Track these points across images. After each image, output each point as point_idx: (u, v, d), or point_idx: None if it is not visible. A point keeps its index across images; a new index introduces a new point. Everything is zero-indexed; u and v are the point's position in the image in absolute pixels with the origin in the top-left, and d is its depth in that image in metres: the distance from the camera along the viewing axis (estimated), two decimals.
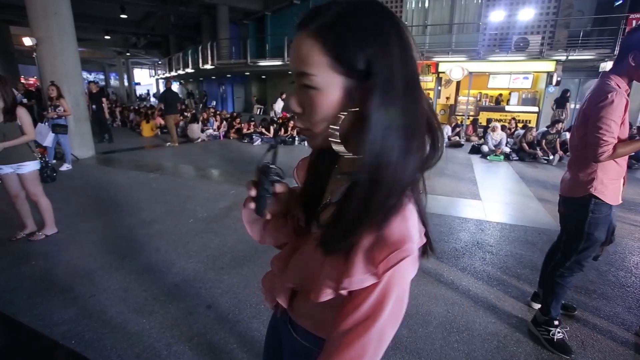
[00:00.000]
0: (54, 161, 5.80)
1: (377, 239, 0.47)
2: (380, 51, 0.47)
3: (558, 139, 7.20)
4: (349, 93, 0.49)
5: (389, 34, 0.48)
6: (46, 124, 5.40)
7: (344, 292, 0.50)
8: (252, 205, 0.59)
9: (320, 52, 0.47)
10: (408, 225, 0.48)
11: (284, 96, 11.30)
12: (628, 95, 1.62)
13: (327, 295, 0.52)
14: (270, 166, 0.58)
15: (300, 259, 0.64)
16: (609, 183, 1.68)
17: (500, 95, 12.06)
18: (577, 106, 1.85)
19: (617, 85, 1.59)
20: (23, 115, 2.75)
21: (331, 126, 0.50)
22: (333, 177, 0.62)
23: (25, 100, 7.29)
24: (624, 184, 1.76)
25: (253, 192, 0.58)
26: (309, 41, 0.48)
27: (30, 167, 2.89)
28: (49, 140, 5.36)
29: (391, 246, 0.46)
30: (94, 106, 8.10)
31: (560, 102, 9.57)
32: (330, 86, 0.48)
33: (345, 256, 0.50)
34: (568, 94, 9.42)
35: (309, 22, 0.49)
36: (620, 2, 10.71)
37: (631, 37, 1.58)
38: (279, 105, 11.23)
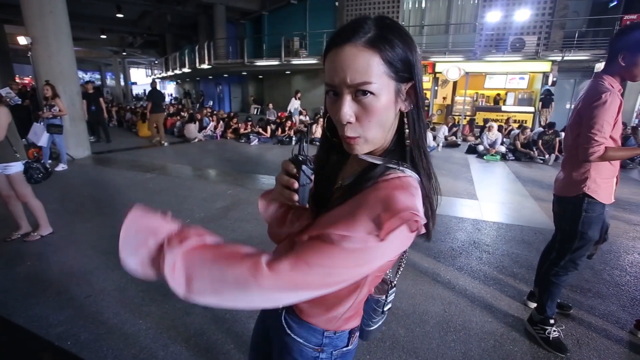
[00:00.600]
0: (50, 161, 5.76)
1: (385, 206, 0.50)
2: (416, 57, 0.56)
3: (558, 139, 7.25)
4: (397, 96, 0.56)
5: (414, 42, 0.57)
6: (41, 123, 5.36)
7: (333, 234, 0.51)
8: (296, 197, 0.59)
9: (380, 62, 0.53)
10: (414, 200, 0.52)
11: (299, 95, 11.19)
12: (622, 95, 1.64)
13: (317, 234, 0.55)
14: (308, 156, 0.61)
15: None
16: (602, 182, 1.69)
17: (498, 95, 12.12)
18: (572, 106, 1.86)
19: (611, 85, 1.60)
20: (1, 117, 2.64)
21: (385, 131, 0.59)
22: (349, 163, 0.67)
23: (19, 101, 7.17)
24: (616, 183, 1.77)
25: (296, 185, 0.59)
26: (366, 53, 0.53)
27: (15, 168, 2.83)
28: (43, 140, 5.32)
29: (397, 211, 0.49)
30: (92, 107, 8.00)
31: (545, 101, 10.07)
32: (385, 91, 0.54)
33: (347, 212, 0.53)
34: (552, 95, 10.10)
35: (353, 36, 0.53)
36: (615, 3, 10.81)
37: (619, 38, 1.60)
38: (294, 104, 10.95)
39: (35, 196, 3.06)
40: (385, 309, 0.79)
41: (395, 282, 0.80)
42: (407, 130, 0.59)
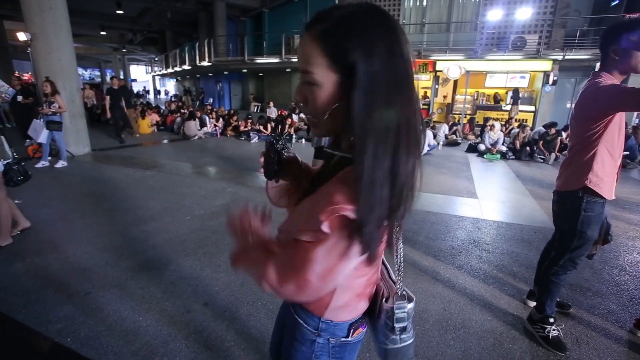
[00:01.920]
0: (50, 158, 5.75)
1: (326, 197, 0.56)
2: (364, 54, 0.53)
3: (559, 138, 7.25)
4: (340, 88, 0.57)
5: (378, 39, 0.54)
6: (41, 120, 5.35)
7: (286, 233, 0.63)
8: (262, 171, 0.76)
9: (320, 54, 0.56)
10: (349, 193, 0.54)
11: None
12: None
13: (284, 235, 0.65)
14: (276, 139, 0.71)
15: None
16: (604, 176, 1.68)
17: (497, 94, 12.09)
18: (572, 105, 1.85)
19: (610, 81, 1.60)
20: None
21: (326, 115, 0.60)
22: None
23: (20, 98, 7.08)
24: (616, 180, 1.77)
25: (261, 160, 0.77)
26: (312, 44, 0.56)
27: None
28: (43, 136, 5.32)
29: (330, 205, 0.54)
30: (121, 103, 7.97)
31: (515, 99, 10.89)
32: (327, 82, 0.57)
33: (306, 208, 0.61)
34: (519, 93, 10.98)
35: (314, 25, 0.57)
36: (617, 2, 10.78)
37: (607, 34, 1.61)
38: None
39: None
40: (397, 325, 0.73)
41: (404, 293, 0.75)
42: (352, 123, 0.54)
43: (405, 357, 0.77)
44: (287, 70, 15.28)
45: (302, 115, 11.09)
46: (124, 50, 28.13)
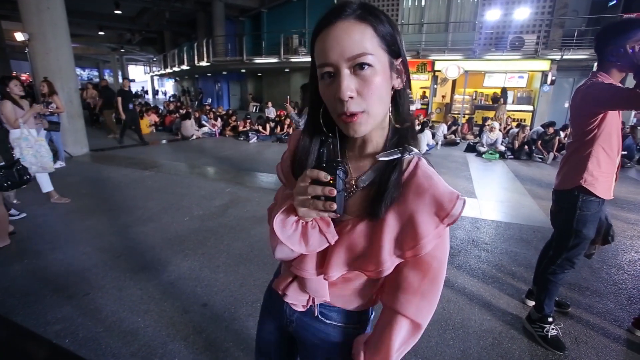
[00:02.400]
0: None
1: (434, 201, 0.57)
2: (400, 35, 0.58)
3: (557, 138, 7.27)
4: (391, 70, 0.57)
5: (396, 24, 0.58)
6: None
7: (409, 254, 0.59)
8: (334, 206, 0.53)
9: (373, 34, 0.54)
10: (444, 182, 0.59)
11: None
12: None
13: (392, 265, 0.61)
14: (339, 160, 0.60)
15: (347, 245, 0.62)
16: (600, 176, 1.69)
17: (496, 93, 12.08)
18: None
19: (604, 81, 1.61)
20: None
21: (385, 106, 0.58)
22: (355, 162, 0.67)
23: None
24: (615, 180, 1.77)
25: (334, 192, 0.53)
26: (360, 26, 0.53)
27: None
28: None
29: (450, 202, 0.56)
30: (130, 105, 7.88)
31: (504, 97, 11.04)
32: (382, 64, 0.55)
33: (402, 226, 0.59)
34: (506, 92, 11.29)
35: (343, 12, 0.54)
36: (614, 2, 10.81)
37: (602, 35, 1.62)
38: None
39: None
40: None
41: None
42: (405, 112, 0.61)
43: None
44: (286, 70, 15.27)
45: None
46: (122, 51, 28.06)
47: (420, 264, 0.60)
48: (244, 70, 17.05)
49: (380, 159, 0.59)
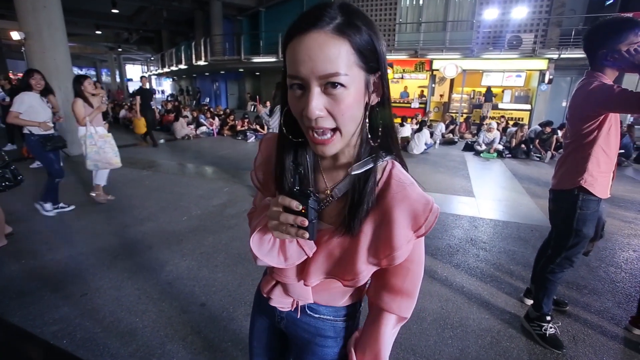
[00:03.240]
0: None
1: (408, 213, 0.57)
2: (382, 45, 0.54)
3: (555, 137, 7.29)
4: (366, 88, 0.53)
5: (379, 30, 0.54)
6: None
7: (385, 263, 0.60)
8: (307, 234, 0.55)
9: (349, 50, 0.49)
10: (418, 191, 0.58)
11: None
12: None
13: (369, 274, 0.62)
14: (312, 189, 0.58)
15: (325, 254, 0.64)
16: (598, 175, 1.69)
17: (489, 89, 12.00)
18: (568, 104, 1.86)
19: (603, 82, 1.61)
20: None
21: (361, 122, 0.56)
22: (327, 173, 0.65)
23: (8, 99, 6.92)
24: (612, 178, 1.78)
25: (306, 223, 0.54)
26: (336, 42, 0.48)
27: None
28: None
29: (424, 214, 0.57)
30: (151, 103, 7.43)
31: (487, 96, 11.46)
32: (356, 83, 0.51)
33: (377, 236, 0.59)
34: (492, 91, 11.56)
35: (319, 21, 0.48)
36: (611, 1, 10.83)
37: (591, 37, 1.62)
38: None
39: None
40: None
41: None
42: (379, 127, 0.59)
43: None
44: (284, 69, 15.22)
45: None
46: (120, 50, 27.92)
47: (399, 269, 0.63)
48: (241, 70, 17.02)
49: (353, 172, 0.57)
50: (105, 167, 3.81)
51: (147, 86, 7.72)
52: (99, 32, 20.67)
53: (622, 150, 6.69)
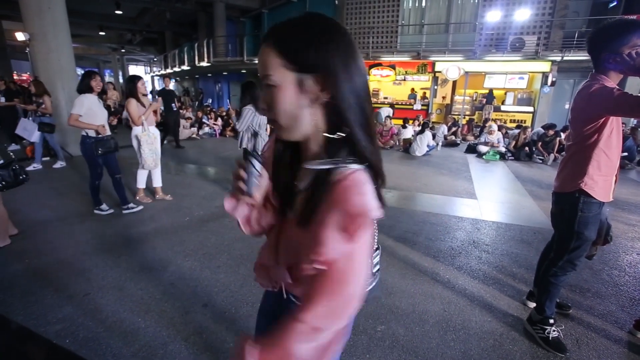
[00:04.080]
0: (44, 159, 5.73)
1: (342, 217, 0.57)
2: (326, 49, 0.59)
3: (558, 139, 7.27)
4: (300, 86, 0.61)
5: (330, 36, 0.60)
6: (30, 119, 5.32)
7: (320, 265, 0.59)
8: (243, 185, 0.67)
9: (276, 55, 0.61)
10: (364, 199, 0.58)
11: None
12: None
13: (311, 267, 0.61)
14: (255, 151, 0.67)
15: (287, 241, 0.74)
16: (599, 179, 1.69)
17: (491, 91, 11.98)
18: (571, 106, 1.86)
19: (605, 84, 1.60)
20: None
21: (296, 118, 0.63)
22: (302, 167, 0.70)
23: (3, 100, 6.91)
24: (615, 182, 1.77)
25: (243, 173, 0.68)
26: (266, 49, 0.62)
27: None
28: (35, 136, 5.28)
29: (355, 220, 0.57)
30: (173, 105, 7.33)
31: (489, 99, 11.64)
32: (286, 82, 0.61)
33: (315, 234, 0.60)
34: (492, 93, 11.80)
35: (266, 37, 0.63)
36: (615, 3, 10.82)
37: (595, 40, 1.62)
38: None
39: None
40: (375, 270, 0.86)
41: (377, 246, 0.87)
42: (339, 128, 0.62)
43: (376, 291, 0.88)
44: None
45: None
46: (123, 51, 28.06)
47: (323, 274, 0.60)
48: (244, 71, 17.02)
49: (306, 166, 0.65)
50: (158, 166, 3.97)
51: (171, 87, 7.50)
52: (102, 33, 20.74)
53: (626, 153, 6.67)
